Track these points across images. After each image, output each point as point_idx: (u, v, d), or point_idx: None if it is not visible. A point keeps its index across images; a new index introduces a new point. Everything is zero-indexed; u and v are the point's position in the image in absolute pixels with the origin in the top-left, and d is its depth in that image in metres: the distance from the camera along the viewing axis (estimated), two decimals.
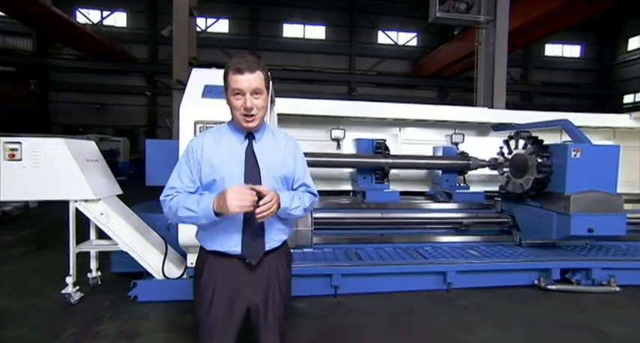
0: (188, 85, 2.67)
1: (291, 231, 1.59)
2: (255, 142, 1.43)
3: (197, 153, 1.40)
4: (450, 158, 4.37)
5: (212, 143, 1.41)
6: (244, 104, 1.32)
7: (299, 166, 1.52)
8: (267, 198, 1.25)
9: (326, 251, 3.42)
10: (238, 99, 1.33)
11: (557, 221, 3.29)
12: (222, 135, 1.44)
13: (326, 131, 5.05)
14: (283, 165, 1.45)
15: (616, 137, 5.87)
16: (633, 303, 3.07)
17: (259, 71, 1.34)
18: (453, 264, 3.09)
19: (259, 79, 1.33)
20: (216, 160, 1.37)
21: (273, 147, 1.46)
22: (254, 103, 1.33)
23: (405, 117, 4.74)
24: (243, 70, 1.30)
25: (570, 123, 3.91)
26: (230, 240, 1.37)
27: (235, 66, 1.31)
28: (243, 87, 1.30)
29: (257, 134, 1.44)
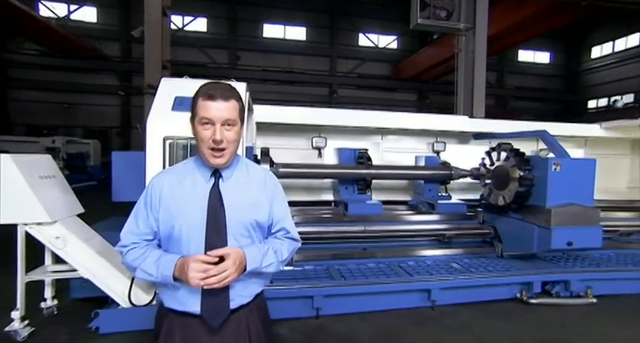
0: (157, 96, 2.46)
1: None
2: (223, 181, 1.24)
3: (155, 196, 1.22)
4: (433, 168, 4.34)
5: (173, 184, 1.22)
6: (213, 135, 1.14)
7: (278, 208, 1.33)
8: (222, 266, 1.09)
9: (307, 268, 3.28)
10: (207, 130, 1.15)
11: (538, 234, 3.30)
12: (186, 173, 1.25)
13: (307, 139, 4.91)
14: (256, 208, 1.26)
15: (587, 145, 6.07)
16: (610, 317, 3.11)
17: (234, 100, 1.18)
18: (437, 281, 3.03)
19: (233, 109, 1.18)
20: (175, 206, 1.19)
21: (245, 187, 1.27)
22: (225, 135, 1.16)
23: (387, 126, 4.67)
24: (216, 96, 1.14)
25: (548, 134, 3.95)
26: (190, 298, 1.18)
27: (207, 91, 1.16)
28: (213, 116, 1.14)
29: (226, 171, 1.25)
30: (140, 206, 1.24)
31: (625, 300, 3.44)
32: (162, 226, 1.20)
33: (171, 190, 1.21)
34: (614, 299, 3.43)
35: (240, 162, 1.32)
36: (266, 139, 4.72)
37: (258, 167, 1.40)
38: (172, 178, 1.24)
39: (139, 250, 1.18)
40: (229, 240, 1.19)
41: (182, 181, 1.23)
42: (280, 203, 1.35)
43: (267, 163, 3.70)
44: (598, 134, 5.37)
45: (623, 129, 5.36)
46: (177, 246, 1.19)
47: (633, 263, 3.80)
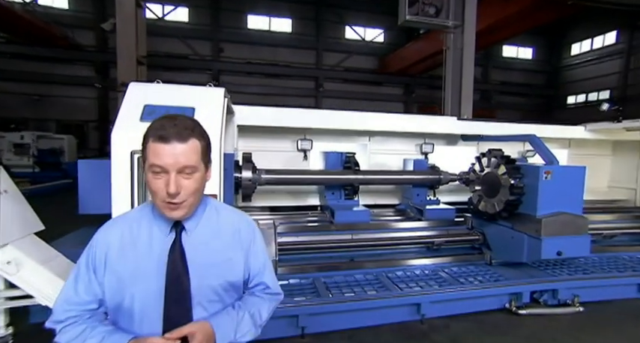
0: (123, 104, 2.21)
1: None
2: (187, 234, 1.02)
3: (100, 256, 0.99)
4: (421, 173, 4.23)
5: (124, 239, 1.00)
6: (167, 187, 0.92)
7: (255, 261, 1.13)
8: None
9: (292, 282, 3.13)
10: (159, 179, 0.94)
11: (528, 244, 3.24)
12: (141, 225, 1.03)
13: (292, 141, 4.72)
14: (229, 267, 1.06)
15: (571, 145, 6.12)
16: (599, 327, 3.10)
17: (194, 140, 0.97)
18: (427, 295, 2.93)
19: (192, 151, 0.96)
20: (125, 270, 0.98)
21: (214, 240, 1.05)
22: (182, 186, 0.94)
23: (374, 129, 4.52)
24: (169, 138, 0.92)
25: (537, 138, 3.89)
26: None
27: (158, 131, 0.94)
28: (166, 164, 0.92)
29: (190, 222, 1.04)
30: (81, 267, 1.01)
31: (609, 307, 3.45)
32: (109, 295, 0.98)
33: (120, 249, 0.99)
34: (600, 305, 3.44)
35: (209, 208, 1.10)
36: (249, 142, 4.51)
37: (231, 211, 1.18)
38: (123, 232, 1.02)
39: (78, 328, 0.95)
40: (195, 309, 0.98)
41: (135, 236, 1.01)
42: (258, 254, 1.14)
43: (250, 170, 3.50)
44: (583, 136, 5.40)
45: (606, 131, 5.40)
46: (127, 320, 0.97)
47: (617, 267, 3.82)
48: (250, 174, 3.47)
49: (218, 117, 2.29)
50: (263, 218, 4.14)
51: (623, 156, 6.11)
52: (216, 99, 2.39)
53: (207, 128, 2.26)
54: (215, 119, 2.28)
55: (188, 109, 2.26)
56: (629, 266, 3.84)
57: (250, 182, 3.47)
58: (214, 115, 2.30)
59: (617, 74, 20.21)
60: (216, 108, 2.33)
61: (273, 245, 3.18)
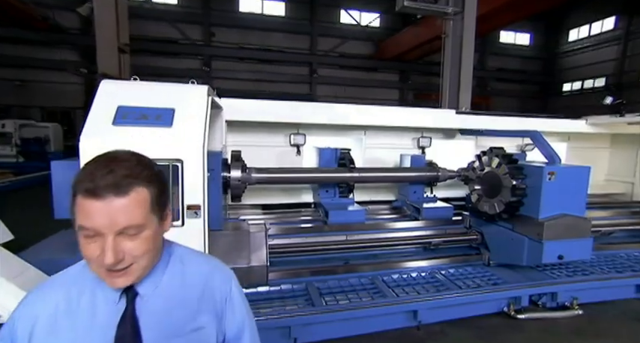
0: (93, 106, 1.99)
1: None
2: (142, 300, 0.82)
3: (22, 335, 0.77)
4: (418, 170, 4.07)
5: (58, 310, 0.79)
6: (103, 255, 0.71)
7: (232, 322, 0.93)
8: None
9: (284, 288, 3.00)
10: (91, 243, 0.73)
11: (528, 247, 3.14)
12: (82, 290, 0.82)
13: (284, 136, 4.52)
14: (197, 339, 0.85)
15: (570, 138, 6.01)
16: (595, 331, 3.04)
17: (140, 188, 0.75)
18: (424, 302, 2.82)
19: (138, 205, 0.74)
20: None
21: (178, 306, 0.85)
22: (125, 250, 0.74)
23: (370, 124, 4.33)
24: (101, 190, 0.70)
25: (539, 135, 3.73)
26: None
27: (85, 182, 0.71)
28: (98, 226, 0.71)
29: (145, 285, 0.83)
30: None
31: (608, 309, 3.40)
32: None
33: (52, 322, 0.78)
34: (598, 307, 3.38)
35: (173, 261, 0.89)
36: (239, 137, 4.30)
37: (201, 260, 0.97)
38: (58, 300, 0.80)
39: None
40: None
41: (74, 305, 0.80)
42: (235, 312, 0.94)
43: (239, 169, 3.30)
44: (584, 130, 5.26)
45: (607, 125, 5.27)
46: None
47: (615, 267, 3.76)
48: (239, 174, 3.28)
49: (201, 119, 2.09)
50: (254, 217, 3.98)
51: (621, 149, 6.01)
52: (199, 98, 2.17)
53: (190, 131, 2.08)
54: (198, 120, 2.07)
55: (167, 111, 2.05)
56: (627, 266, 3.78)
57: (239, 182, 3.28)
58: (197, 116, 2.09)
59: (614, 61, 20.04)
60: (199, 109, 2.12)
61: (264, 249, 3.03)
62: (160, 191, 0.80)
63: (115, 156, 0.77)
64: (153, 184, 0.78)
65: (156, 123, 1.97)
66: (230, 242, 2.97)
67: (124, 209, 0.72)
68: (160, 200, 0.80)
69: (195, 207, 2.00)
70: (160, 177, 0.82)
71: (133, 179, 0.74)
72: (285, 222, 3.85)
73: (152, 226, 0.78)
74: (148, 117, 1.97)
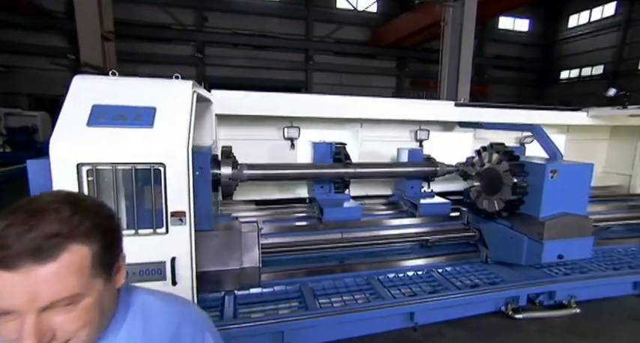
0: (65, 105, 1.83)
1: None
2: None
3: None
4: (416, 165, 3.96)
5: None
6: (21, 340, 0.56)
7: None
8: None
9: (277, 290, 2.91)
10: (4, 323, 0.57)
11: (527, 246, 3.06)
12: None
13: (277, 129, 4.36)
14: None
15: (569, 130, 5.91)
16: (594, 331, 3.01)
17: (76, 246, 0.59)
18: (421, 303, 2.75)
19: (71, 271, 0.58)
20: None
21: None
22: (55, 326, 0.59)
23: (366, 117, 4.18)
24: (13, 259, 0.54)
25: (541, 129, 3.62)
26: None
27: None
28: (11, 306, 0.56)
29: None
30: None
31: (606, 307, 3.37)
32: None
33: None
34: (596, 305, 3.35)
35: (132, 315, 0.75)
36: (231, 130, 4.14)
37: (167, 307, 0.83)
38: None
39: None
40: None
41: None
42: None
43: (230, 166, 3.17)
44: (585, 122, 5.16)
45: (608, 117, 5.17)
46: None
47: (613, 263, 3.71)
48: (230, 171, 3.14)
49: (185, 118, 1.93)
50: (247, 214, 3.86)
51: (620, 141, 5.93)
52: (183, 95, 2.02)
53: (172, 132, 1.93)
54: (181, 120, 1.92)
55: (147, 109, 1.89)
56: (624, 262, 3.74)
57: (230, 179, 3.15)
58: (180, 116, 1.94)
59: (613, 49, 19.82)
60: (183, 107, 1.97)
61: (257, 250, 2.93)
62: (106, 244, 0.65)
63: (39, 206, 0.59)
64: (95, 238, 0.62)
65: (135, 124, 1.82)
66: (221, 243, 2.87)
67: (51, 279, 0.56)
68: (106, 256, 0.65)
69: (180, 213, 1.87)
70: (107, 225, 0.67)
71: (65, 238, 0.58)
72: (279, 220, 3.75)
73: (95, 291, 0.63)
74: (127, 117, 1.82)
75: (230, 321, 2.39)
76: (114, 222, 0.69)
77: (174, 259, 1.90)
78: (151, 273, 1.88)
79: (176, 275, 1.92)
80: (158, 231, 1.88)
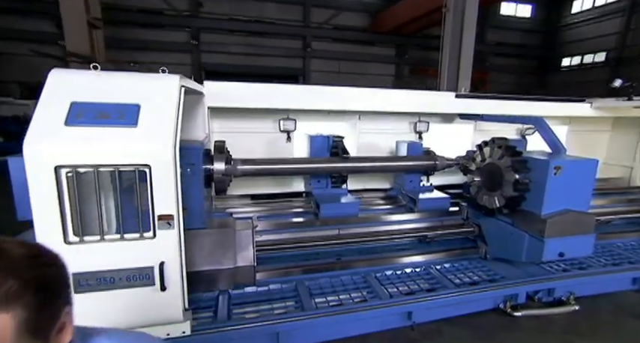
0: (41, 101, 1.70)
1: None
2: None
3: None
4: (415, 159, 3.86)
5: None
6: None
7: None
8: None
9: (272, 288, 2.85)
10: None
11: (528, 244, 3.01)
12: None
13: (273, 121, 4.24)
14: None
15: (571, 122, 5.81)
16: (593, 329, 2.98)
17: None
18: (418, 303, 2.70)
19: None
20: None
21: None
22: None
23: (365, 110, 4.05)
24: None
25: (544, 122, 3.51)
26: None
27: None
28: None
29: None
30: None
31: (605, 303, 3.35)
32: None
33: None
34: (595, 301, 3.33)
35: None
36: (225, 123, 4.02)
37: None
38: None
39: None
40: None
41: None
42: None
43: (223, 161, 3.06)
44: (588, 114, 5.04)
45: (612, 109, 5.05)
46: None
47: (612, 258, 3.68)
48: (223, 167, 3.04)
49: (171, 116, 1.82)
50: (242, 210, 3.79)
51: (622, 133, 5.84)
52: (170, 91, 1.89)
53: (158, 131, 1.82)
54: (167, 118, 1.81)
55: (131, 107, 1.78)
56: (624, 257, 3.70)
57: (224, 175, 3.05)
58: (166, 113, 1.82)
59: (616, 35, 19.46)
60: (169, 104, 1.85)
61: (251, 248, 2.86)
62: (40, 304, 0.54)
63: None
64: (21, 302, 0.52)
65: (118, 123, 1.70)
66: (214, 241, 2.79)
67: None
68: (41, 317, 0.55)
69: (168, 217, 1.78)
70: (42, 280, 0.56)
71: None
72: (275, 215, 3.67)
73: None
74: (109, 115, 1.70)
75: (224, 323, 2.33)
76: (55, 272, 0.58)
77: (163, 264, 1.82)
78: (139, 279, 1.80)
79: (165, 281, 1.84)
80: (145, 235, 1.80)
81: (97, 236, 1.72)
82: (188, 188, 2.68)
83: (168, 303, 1.89)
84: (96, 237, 1.71)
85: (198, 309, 2.53)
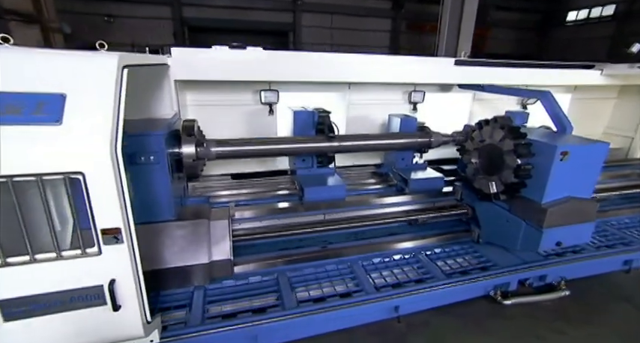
0: None
1: None
2: None
3: None
4: (408, 136, 3.54)
5: None
6: None
7: None
8: None
9: (252, 281, 2.68)
10: None
11: (525, 232, 2.83)
12: None
13: (254, 92, 3.83)
14: None
15: (576, 89, 5.46)
16: (583, 314, 2.93)
17: None
18: (405, 297, 2.56)
19: None
20: None
21: None
22: None
23: (355, 81, 3.63)
24: None
25: (551, 96, 3.20)
26: None
27: None
28: None
29: None
30: None
31: (594, 285, 3.29)
32: None
33: None
34: (584, 284, 3.26)
35: None
36: (200, 95, 3.62)
37: None
38: None
39: None
40: None
41: None
42: None
43: (192, 144, 2.73)
44: (597, 82, 4.67)
45: (623, 76, 4.68)
46: None
47: (606, 238, 3.56)
48: (193, 150, 2.71)
49: (108, 107, 1.46)
50: (221, 194, 3.52)
51: (628, 101, 5.52)
52: (106, 74, 1.51)
53: (92, 128, 1.47)
54: (104, 110, 1.45)
55: (53, 98, 1.41)
56: (618, 238, 3.57)
57: (193, 160, 2.72)
58: (102, 104, 1.46)
59: None
60: (106, 92, 1.48)
61: (228, 240, 2.65)
62: None
63: None
64: None
65: (34, 120, 1.35)
66: (186, 235, 2.56)
67: None
68: None
69: (113, 230, 1.50)
70: None
71: None
72: (257, 199, 3.41)
73: None
74: (21, 109, 1.34)
75: (196, 327, 2.16)
76: None
77: (114, 282, 1.58)
78: (86, 299, 1.57)
79: (119, 298, 1.61)
80: (89, 251, 1.53)
81: (26, 256, 1.44)
82: (150, 179, 2.38)
83: (125, 321, 1.67)
84: (24, 257, 1.44)
85: (170, 309, 2.35)
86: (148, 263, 1.83)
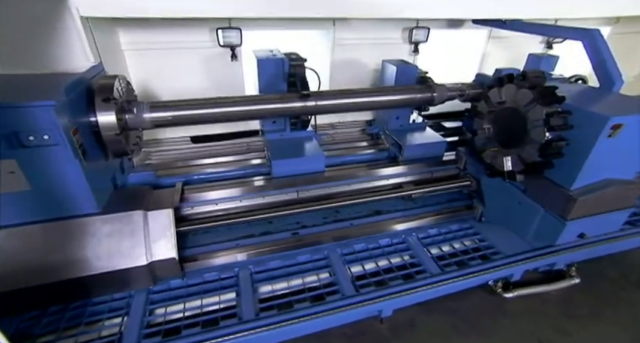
0: None
1: None
2: None
3: None
4: (405, 91, 2.77)
5: None
6: None
7: None
8: None
9: (207, 279, 2.22)
10: None
11: (541, 221, 2.29)
12: None
13: (210, 31, 2.97)
14: None
15: (619, 21, 4.50)
16: (590, 307, 2.55)
17: None
18: (390, 299, 2.12)
19: None
20: None
21: None
22: None
23: (340, 16, 2.72)
24: None
25: (600, 37, 2.40)
26: None
27: None
28: None
29: None
30: None
31: (606, 268, 2.89)
32: None
33: None
34: (596, 267, 2.85)
35: None
36: (139, 35, 2.79)
37: None
38: None
39: None
40: None
41: None
42: None
43: (112, 111, 2.01)
44: None
45: None
46: None
47: None
48: (114, 119, 2.00)
49: None
50: (172, 165, 2.88)
51: None
52: None
53: None
54: None
55: None
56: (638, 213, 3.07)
57: (116, 133, 2.03)
58: None
59: None
60: None
61: (171, 235, 2.12)
62: None
63: None
64: None
65: None
66: (115, 231, 2.01)
67: None
68: None
69: None
70: None
71: None
72: (216, 172, 2.80)
73: None
74: None
75: None
76: None
77: None
78: None
79: None
80: None
81: None
82: (51, 164, 1.75)
83: None
84: None
85: (98, 322, 1.92)
86: None
